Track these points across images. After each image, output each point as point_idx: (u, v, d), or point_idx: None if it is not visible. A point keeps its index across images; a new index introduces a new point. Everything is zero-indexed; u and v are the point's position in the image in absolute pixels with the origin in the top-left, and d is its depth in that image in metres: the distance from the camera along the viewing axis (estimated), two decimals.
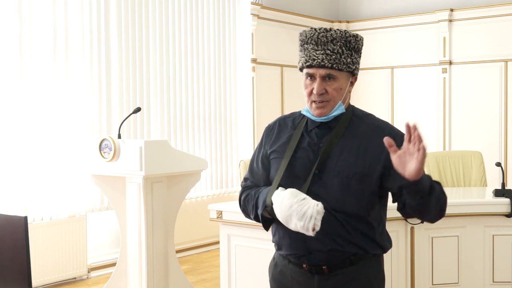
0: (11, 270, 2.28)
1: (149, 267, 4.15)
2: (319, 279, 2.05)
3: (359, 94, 8.41)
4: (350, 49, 2.03)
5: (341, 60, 2.00)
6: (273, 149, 2.13)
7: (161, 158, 4.10)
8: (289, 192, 1.94)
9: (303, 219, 1.88)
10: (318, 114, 2.03)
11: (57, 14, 5.33)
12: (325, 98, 2.02)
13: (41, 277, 5.16)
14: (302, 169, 2.03)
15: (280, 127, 2.16)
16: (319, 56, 2.00)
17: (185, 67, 6.58)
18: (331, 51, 2.00)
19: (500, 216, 4.05)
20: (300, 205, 1.89)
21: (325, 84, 2.01)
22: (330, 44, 2.00)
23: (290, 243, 2.06)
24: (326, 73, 2.01)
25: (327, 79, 2.01)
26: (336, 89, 2.02)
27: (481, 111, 7.57)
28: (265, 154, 2.15)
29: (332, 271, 2.03)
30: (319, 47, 2.01)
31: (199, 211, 6.55)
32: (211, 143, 6.86)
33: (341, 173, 1.99)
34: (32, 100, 5.16)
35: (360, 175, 1.99)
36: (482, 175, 5.19)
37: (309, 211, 1.88)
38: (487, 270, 4.07)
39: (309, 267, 2.05)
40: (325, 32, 2.02)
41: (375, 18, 8.39)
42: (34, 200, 5.15)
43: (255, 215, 2.12)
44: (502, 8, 7.38)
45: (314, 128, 2.07)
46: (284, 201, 1.92)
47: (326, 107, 2.02)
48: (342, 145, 2.02)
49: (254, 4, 7.32)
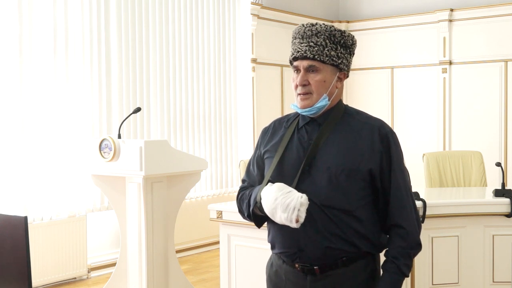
0: (11, 270, 2.28)
1: (149, 267, 4.15)
2: (311, 279, 2.05)
3: (359, 94, 8.41)
4: (335, 43, 2.05)
5: (324, 52, 2.03)
6: (266, 148, 2.16)
7: (161, 158, 4.10)
8: (276, 186, 1.97)
9: (287, 211, 1.91)
10: (302, 106, 2.06)
11: (57, 14, 5.33)
12: (308, 89, 2.05)
13: (41, 277, 5.16)
14: (292, 166, 2.05)
15: (275, 128, 2.19)
16: (302, 48, 2.04)
17: (185, 67, 6.58)
18: (314, 43, 2.04)
19: (500, 216, 4.05)
20: (284, 197, 1.92)
21: (308, 76, 2.05)
22: (314, 37, 2.04)
23: (282, 241, 2.08)
24: (308, 65, 2.04)
25: (310, 71, 2.05)
26: (319, 81, 2.04)
27: (481, 111, 7.57)
28: (259, 155, 2.19)
29: (323, 272, 2.04)
30: (304, 40, 2.06)
31: (199, 211, 6.55)
32: (211, 143, 6.86)
33: (330, 168, 2.00)
34: (32, 100, 5.16)
35: (348, 170, 2.00)
36: (482, 175, 5.19)
37: (292, 202, 1.90)
38: (487, 270, 4.07)
39: (302, 267, 2.06)
40: (310, 26, 2.07)
41: (375, 18, 8.39)
42: (34, 200, 5.15)
43: (248, 213, 2.15)
44: (502, 8, 7.38)
45: (304, 125, 2.10)
46: (270, 194, 1.96)
47: (309, 99, 2.05)
48: (332, 141, 2.05)
49: (254, 4, 7.32)
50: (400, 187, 2.05)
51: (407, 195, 2.07)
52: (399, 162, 2.07)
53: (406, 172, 2.11)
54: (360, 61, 8.10)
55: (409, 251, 2.04)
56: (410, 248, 2.04)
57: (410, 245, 2.04)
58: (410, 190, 2.10)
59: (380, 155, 2.03)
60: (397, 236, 2.05)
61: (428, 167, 5.23)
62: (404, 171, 2.10)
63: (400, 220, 2.04)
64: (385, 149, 2.04)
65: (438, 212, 4.01)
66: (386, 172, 2.04)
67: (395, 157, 2.06)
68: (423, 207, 3.93)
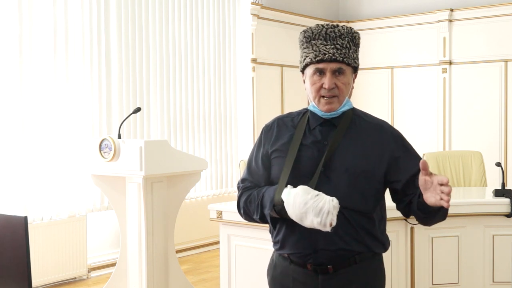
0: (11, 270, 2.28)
1: (149, 267, 4.15)
2: (323, 278, 2.04)
3: (359, 94, 8.40)
4: (356, 45, 2.08)
5: (350, 55, 2.04)
6: (275, 148, 2.11)
7: (161, 158, 4.10)
8: (302, 189, 1.92)
9: (320, 215, 1.87)
10: (327, 109, 2.04)
11: (57, 14, 5.33)
12: (335, 92, 2.03)
13: (41, 277, 5.16)
14: (308, 167, 2.02)
15: (279, 127, 2.15)
16: (329, 50, 2.02)
17: (185, 67, 6.58)
18: (341, 45, 2.03)
19: (500, 216, 4.05)
20: (315, 201, 1.88)
21: (335, 78, 2.03)
22: (338, 39, 2.03)
23: (295, 242, 2.05)
24: (337, 67, 2.02)
25: (337, 73, 2.03)
26: (345, 83, 2.04)
27: (481, 111, 7.57)
28: (265, 153, 2.13)
29: (336, 270, 2.03)
30: (329, 42, 2.03)
31: (199, 211, 6.55)
32: (211, 143, 6.86)
33: (349, 170, 2.00)
34: (32, 100, 5.16)
35: (367, 172, 2.01)
36: (482, 175, 5.19)
37: (325, 206, 1.87)
38: (487, 270, 4.07)
39: (314, 266, 2.04)
40: (332, 28, 2.05)
41: (375, 18, 8.39)
42: (34, 200, 5.15)
43: (260, 215, 2.07)
44: (502, 8, 7.38)
45: (317, 126, 2.08)
46: (298, 198, 1.91)
47: (335, 102, 2.04)
48: (347, 143, 2.04)
49: (254, 4, 7.32)
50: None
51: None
52: (417, 155, 2.11)
53: None
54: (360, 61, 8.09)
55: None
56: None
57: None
58: None
59: (398, 155, 2.06)
60: None
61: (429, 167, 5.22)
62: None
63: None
64: (403, 148, 2.09)
65: None
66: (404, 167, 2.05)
67: (412, 151, 2.10)
68: None
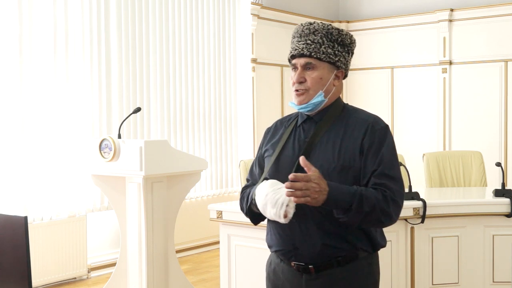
0: (11, 270, 2.28)
1: (149, 267, 4.15)
2: (307, 278, 2.07)
3: (359, 94, 8.41)
4: (332, 41, 2.08)
5: (321, 49, 2.06)
6: (267, 147, 2.20)
7: (161, 158, 4.10)
8: (268, 182, 2.00)
9: (276, 206, 1.93)
10: (298, 102, 2.10)
11: (57, 14, 5.33)
12: (304, 86, 2.08)
13: (41, 277, 5.15)
14: (288, 164, 2.07)
15: (276, 128, 2.23)
16: (300, 46, 2.08)
17: (185, 67, 6.58)
18: (312, 41, 2.07)
19: (500, 216, 4.06)
20: (274, 193, 1.95)
21: (305, 73, 2.08)
22: (311, 35, 2.08)
23: (278, 239, 2.10)
24: (305, 62, 2.07)
25: (307, 68, 2.07)
26: (315, 78, 2.07)
27: (481, 111, 7.57)
28: (261, 154, 2.24)
29: (319, 272, 2.05)
30: (302, 38, 2.09)
31: (199, 211, 6.55)
32: (211, 143, 6.86)
33: (323, 166, 2.01)
34: (32, 100, 5.16)
35: (340, 167, 2.01)
36: (482, 175, 5.19)
37: (281, 198, 1.93)
38: (487, 270, 4.07)
39: (297, 265, 2.08)
40: (308, 25, 2.11)
41: (375, 18, 8.39)
42: (34, 200, 5.15)
43: (246, 210, 2.18)
44: (502, 8, 7.38)
45: (302, 124, 2.13)
46: (261, 190, 1.99)
47: (304, 95, 2.08)
48: (327, 139, 2.06)
49: (254, 4, 7.32)
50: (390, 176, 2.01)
51: (399, 186, 2.03)
52: (391, 159, 2.04)
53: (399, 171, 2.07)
54: (360, 61, 8.10)
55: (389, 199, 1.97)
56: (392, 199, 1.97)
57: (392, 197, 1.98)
58: (401, 183, 2.06)
59: (371, 150, 2.01)
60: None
61: (428, 167, 5.23)
62: (396, 168, 2.05)
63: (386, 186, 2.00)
64: (378, 144, 2.02)
65: (438, 212, 4.01)
66: (376, 168, 2.01)
67: (386, 153, 2.02)
68: (423, 207, 3.94)
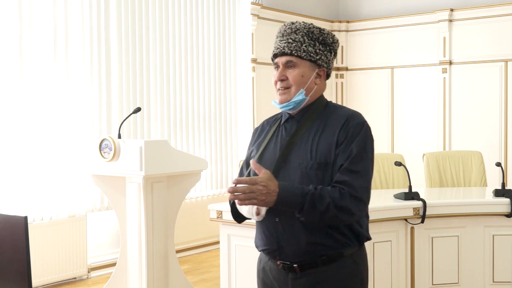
0: (11, 270, 2.28)
1: (149, 267, 4.15)
2: (292, 277, 2.09)
3: (359, 94, 8.41)
4: (313, 40, 2.11)
5: (301, 48, 2.09)
6: (253, 148, 2.24)
7: (161, 158, 4.10)
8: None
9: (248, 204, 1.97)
10: (280, 100, 2.12)
11: (57, 14, 5.33)
12: (286, 84, 2.11)
13: (41, 277, 5.15)
14: (269, 163, 2.09)
15: (263, 128, 2.27)
16: (281, 44, 2.12)
17: (185, 67, 6.58)
18: (293, 39, 2.11)
19: (500, 216, 4.06)
20: None
21: (286, 71, 2.11)
22: (292, 34, 2.12)
23: (264, 238, 2.13)
24: (286, 60, 2.11)
25: (289, 66, 2.11)
26: (296, 75, 2.10)
27: (481, 111, 7.57)
28: (249, 155, 2.26)
29: (303, 270, 2.07)
30: (284, 37, 2.13)
31: (199, 211, 6.55)
32: (211, 143, 6.86)
33: (302, 164, 2.04)
34: (32, 100, 5.15)
35: (318, 164, 2.03)
36: (482, 175, 5.19)
37: None
38: (487, 270, 4.07)
39: (283, 264, 2.11)
40: (290, 24, 2.15)
41: (375, 18, 8.39)
42: (34, 200, 5.15)
43: (231, 211, 2.22)
44: (502, 8, 7.38)
45: (284, 123, 2.17)
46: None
47: (286, 93, 2.11)
48: (307, 137, 2.08)
49: (254, 4, 7.32)
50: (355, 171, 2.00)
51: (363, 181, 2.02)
52: (360, 153, 2.02)
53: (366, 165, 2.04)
54: (360, 61, 8.10)
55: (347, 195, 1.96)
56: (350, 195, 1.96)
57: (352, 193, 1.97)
58: (366, 178, 2.04)
59: (342, 145, 2.01)
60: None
61: (428, 167, 5.23)
62: (364, 162, 2.03)
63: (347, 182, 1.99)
64: (349, 139, 2.02)
65: (438, 212, 4.01)
66: (343, 162, 2.00)
67: (356, 148, 2.01)
68: (423, 207, 3.94)
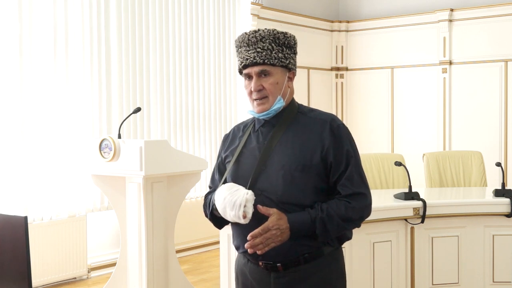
0: (11, 270, 2.28)
1: (149, 267, 4.15)
2: (275, 276, 2.11)
3: (359, 94, 8.41)
4: (280, 45, 2.13)
5: (272, 55, 2.11)
6: (227, 154, 2.25)
7: (161, 158, 4.10)
8: (225, 186, 2.05)
9: (234, 208, 1.99)
10: (259, 110, 2.14)
11: (57, 14, 5.33)
12: (263, 94, 2.12)
13: (41, 277, 5.15)
14: (248, 168, 2.11)
15: (234, 133, 2.28)
16: (251, 55, 2.12)
17: (185, 67, 6.58)
18: (261, 48, 2.11)
19: (500, 216, 4.06)
20: (231, 195, 2.00)
21: (261, 80, 2.12)
22: (259, 42, 2.12)
23: (245, 240, 2.11)
24: (260, 70, 2.11)
25: (262, 75, 2.12)
26: (272, 83, 2.12)
27: (481, 111, 7.58)
28: (221, 161, 2.28)
29: (287, 269, 2.09)
30: (250, 47, 2.13)
31: (199, 211, 6.50)
32: (211, 143, 6.86)
33: (285, 166, 2.06)
34: (32, 100, 5.16)
35: (302, 166, 2.06)
36: (482, 175, 5.19)
37: (238, 200, 1.98)
38: (487, 270, 4.07)
39: (265, 264, 2.11)
40: (254, 33, 2.14)
41: (375, 18, 8.39)
42: (34, 200, 5.15)
43: (209, 216, 2.24)
44: (502, 8, 7.38)
45: (260, 128, 2.18)
46: (219, 194, 2.04)
47: (266, 103, 2.13)
48: (286, 140, 2.11)
49: (254, 4, 7.32)
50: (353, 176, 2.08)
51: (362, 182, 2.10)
52: (355, 155, 2.11)
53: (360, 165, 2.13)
54: (360, 61, 8.11)
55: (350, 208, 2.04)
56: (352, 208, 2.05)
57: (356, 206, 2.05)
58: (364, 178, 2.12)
59: (331, 146, 2.07)
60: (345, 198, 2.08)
61: (428, 167, 5.23)
62: (358, 162, 2.11)
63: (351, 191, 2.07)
64: (337, 140, 2.08)
65: (438, 212, 4.01)
66: (339, 163, 2.07)
67: (346, 147, 2.09)
68: (423, 207, 3.94)
